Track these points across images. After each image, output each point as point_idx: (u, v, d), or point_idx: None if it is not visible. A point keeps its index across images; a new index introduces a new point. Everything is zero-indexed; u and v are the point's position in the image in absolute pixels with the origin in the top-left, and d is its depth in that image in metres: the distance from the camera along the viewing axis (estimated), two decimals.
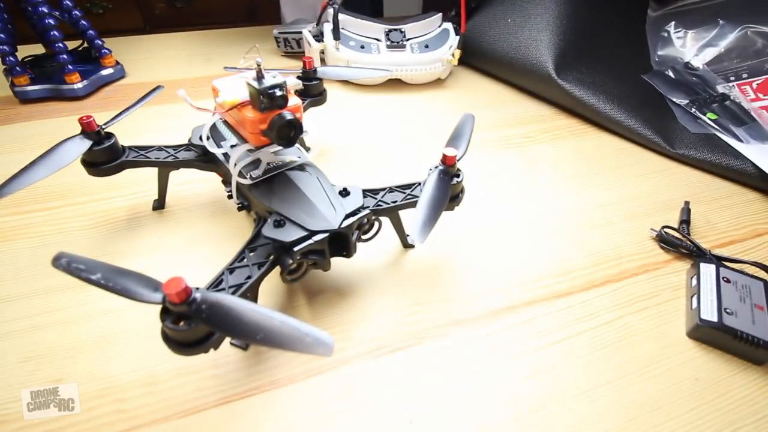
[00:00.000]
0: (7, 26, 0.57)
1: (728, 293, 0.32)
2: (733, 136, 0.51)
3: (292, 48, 0.74)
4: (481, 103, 0.62)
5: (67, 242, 0.37)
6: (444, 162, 0.31)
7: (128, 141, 0.37)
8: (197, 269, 0.34)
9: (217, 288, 0.26)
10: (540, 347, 0.30)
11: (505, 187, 0.46)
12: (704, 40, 0.64)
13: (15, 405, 0.26)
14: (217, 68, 0.70)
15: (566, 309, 0.33)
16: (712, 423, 0.26)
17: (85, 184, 0.43)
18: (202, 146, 0.36)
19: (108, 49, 0.66)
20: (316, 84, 0.46)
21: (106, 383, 0.27)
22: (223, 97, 0.31)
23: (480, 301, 0.33)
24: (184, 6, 0.96)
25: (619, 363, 0.29)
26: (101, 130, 0.34)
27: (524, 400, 0.27)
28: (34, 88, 0.59)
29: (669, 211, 0.43)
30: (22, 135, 0.53)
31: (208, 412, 0.26)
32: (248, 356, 0.29)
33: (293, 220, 0.28)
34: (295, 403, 0.27)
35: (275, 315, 0.20)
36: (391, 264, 0.36)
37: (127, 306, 0.29)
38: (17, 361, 0.28)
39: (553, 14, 0.58)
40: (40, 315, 0.31)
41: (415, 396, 0.27)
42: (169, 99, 0.46)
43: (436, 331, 0.31)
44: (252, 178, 0.31)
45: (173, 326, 0.21)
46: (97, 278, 0.21)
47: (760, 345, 0.28)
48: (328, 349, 0.20)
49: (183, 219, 0.40)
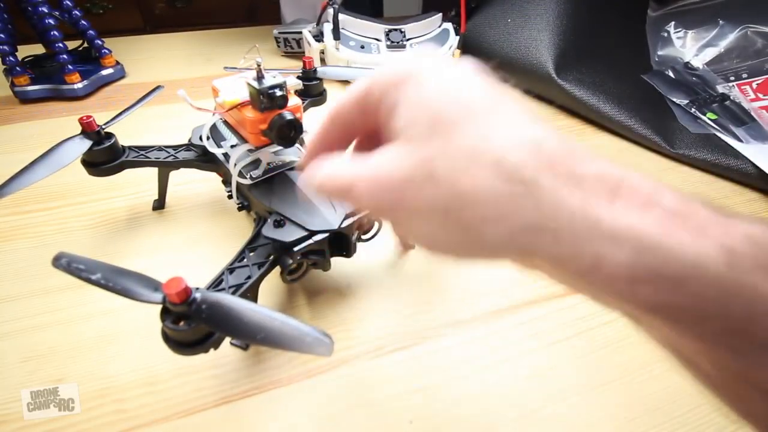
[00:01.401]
0: (7, 26, 0.57)
1: None
2: (732, 136, 0.51)
3: (292, 48, 0.74)
4: None
5: (67, 242, 0.37)
6: None
7: (128, 141, 0.37)
8: (197, 269, 0.34)
9: (217, 288, 0.26)
10: (540, 347, 0.30)
11: None
12: (704, 40, 0.64)
13: (15, 405, 0.26)
14: (217, 68, 0.70)
15: (566, 309, 0.33)
16: (712, 423, 0.26)
17: (85, 184, 0.43)
18: (202, 146, 0.36)
19: (108, 49, 0.66)
20: (316, 84, 0.46)
21: (106, 383, 0.27)
22: (223, 97, 0.31)
23: (480, 301, 0.33)
24: (184, 6, 0.96)
25: (619, 363, 0.29)
26: (101, 130, 0.34)
27: (524, 400, 0.27)
28: (34, 88, 0.59)
29: None
30: (22, 135, 0.53)
31: (208, 412, 0.26)
32: (248, 356, 0.29)
33: (293, 220, 0.28)
34: (295, 403, 0.27)
35: (275, 315, 0.20)
36: (391, 264, 0.36)
37: (127, 306, 0.29)
38: (17, 361, 0.28)
39: (553, 14, 0.58)
40: (40, 315, 0.31)
41: (415, 396, 0.27)
42: (169, 99, 0.46)
43: (436, 331, 0.31)
44: (252, 178, 0.31)
45: (173, 326, 0.21)
46: (97, 278, 0.21)
47: None
48: (328, 349, 0.20)
49: (183, 219, 0.40)
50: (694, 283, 0.11)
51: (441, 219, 0.14)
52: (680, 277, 0.11)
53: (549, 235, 0.12)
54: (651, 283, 0.11)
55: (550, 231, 0.12)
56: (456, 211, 0.13)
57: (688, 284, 0.11)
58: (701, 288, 0.11)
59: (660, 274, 0.11)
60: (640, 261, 0.11)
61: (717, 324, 0.11)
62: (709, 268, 0.11)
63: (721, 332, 0.12)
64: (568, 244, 0.12)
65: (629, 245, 0.11)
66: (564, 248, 0.12)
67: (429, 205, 0.14)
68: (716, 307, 0.11)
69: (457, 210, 0.13)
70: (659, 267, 0.11)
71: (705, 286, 0.11)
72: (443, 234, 0.14)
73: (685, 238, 0.11)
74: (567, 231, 0.12)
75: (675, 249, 0.11)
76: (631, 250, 0.11)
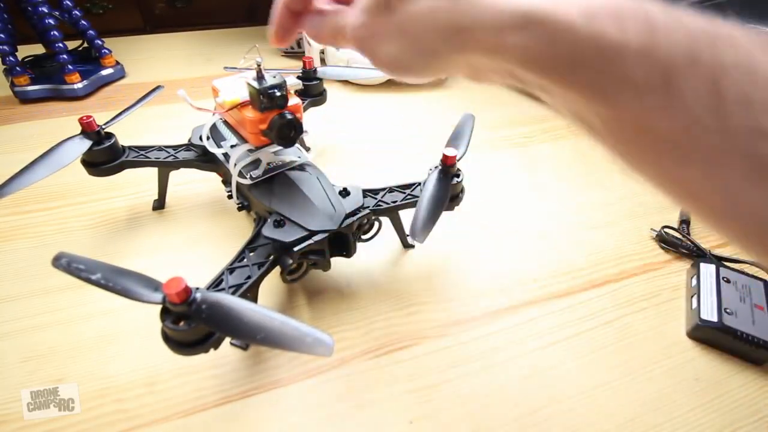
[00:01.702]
0: (7, 26, 0.57)
1: (728, 293, 0.32)
2: None
3: (292, 48, 0.74)
4: (481, 103, 0.62)
5: (67, 242, 0.37)
6: (444, 162, 0.31)
7: (128, 141, 0.37)
8: (197, 269, 0.34)
9: (217, 288, 0.26)
10: (540, 347, 0.30)
11: (505, 187, 0.46)
12: None
13: (15, 405, 0.26)
14: (217, 68, 0.71)
15: (566, 309, 0.33)
16: (712, 423, 0.26)
17: (85, 184, 0.43)
18: (202, 146, 0.36)
19: (108, 49, 0.66)
20: (316, 84, 0.46)
21: (106, 383, 0.27)
22: (223, 97, 0.31)
23: (480, 301, 0.33)
24: (184, 6, 0.96)
25: (619, 363, 0.29)
26: (101, 130, 0.34)
27: (524, 400, 0.27)
28: (34, 88, 0.59)
29: (669, 211, 0.43)
30: (22, 135, 0.53)
31: (208, 412, 0.26)
32: (248, 356, 0.29)
33: (293, 220, 0.28)
34: (295, 403, 0.27)
35: (275, 315, 0.20)
36: (391, 264, 0.36)
37: (127, 306, 0.29)
38: (17, 361, 0.28)
39: None
40: (40, 315, 0.31)
41: (415, 396, 0.27)
42: (169, 99, 0.46)
43: (436, 331, 0.31)
44: (252, 178, 0.31)
45: (173, 326, 0.21)
46: (97, 278, 0.21)
47: (760, 345, 0.28)
48: (328, 349, 0.20)
49: (183, 219, 0.40)
50: (560, 38, 0.14)
51: (399, 38, 0.18)
52: (550, 31, 0.14)
53: (471, 31, 0.16)
54: (523, 30, 0.14)
55: (470, 26, 0.15)
56: (408, 29, 0.17)
57: (555, 39, 0.14)
58: (563, 37, 0.14)
59: (531, 22, 0.14)
60: (523, 24, 0.14)
61: (584, 73, 0.14)
62: (572, 22, 0.13)
63: (590, 81, 0.14)
64: (483, 33, 0.15)
65: (519, 16, 0.14)
66: (480, 35, 0.15)
67: (391, 29, 0.18)
68: (578, 55, 0.14)
69: (409, 27, 0.17)
70: (532, 22, 0.14)
71: (564, 36, 0.14)
72: (402, 51, 0.18)
73: (558, 4, 0.14)
74: (479, 23, 0.15)
75: (548, 11, 0.14)
76: (521, 17, 0.14)
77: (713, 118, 0.12)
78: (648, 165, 0.15)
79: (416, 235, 0.28)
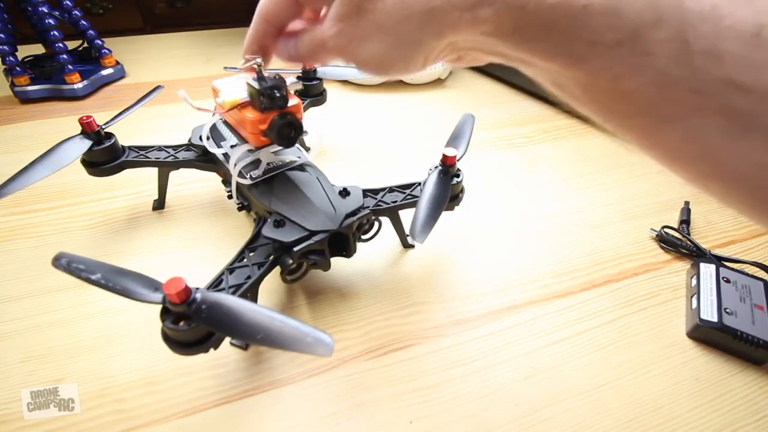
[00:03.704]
0: (7, 26, 0.57)
1: (728, 293, 0.32)
2: None
3: None
4: (481, 103, 0.63)
5: (67, 242, 0.37)
6: (444, 162, 0.31)
7: (128, 141, 0.37)
8: (197, 269, 0.34)
9: (217, 288, 0.26)
10: (540, 347, 0.30)
11: (505, 187, 0.46)
12: None
13: (15, 405, 0.26)
14: (217, 68, 0.71)
15: (566, 309, 0.33)
16: (712, 423, 0.26)
17: (85, 184, 0.43)
18: (202, 146, 0.36)
19: (108, 49, 0.66)
20: (316, 84, 0.46)
21: (106, 383, 0.27)
22: (223, 97, 0.31)
23: (480, 301, 0.33)
24: (184, 6, 0.96)
25: (619, 363, 0.29)
26: (101, 130, 0.34)
27: (524, 400, 0.27)
28: (34, 88, 0.59)
29: (669, 211, 0.43)
30: (22, 135, 0.53)
31: (208, 412, 0.26)
32: (248, 356, 0.29)
33: (293, 220, 0.28)
34: (295, 403, 0.27)
35: (275, 315, 0.20)
36: (391, 264, 0.36)
37: (127, 306, 0.29)
38: (17, 361, 0.28)
39: None
40: (40, 315, 0.31)
41: (415, 396, 0.27)
42: (169, 99, 0.46)
43: (436, 331, 0.31)
44: (252, 178, 0.31)
45: (173, 326, 0.21)
46: (97, 278, 0.21)
47: (760, 345, 0.28)
48: (328, 349, 0.20)
49: (183, 219, 0.40)
50: (530, 5, 0.14)
51: (378, 36, 0.18)
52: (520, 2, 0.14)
53: (445, 12, 0.16)
54: (494, 2, 0.14)
55: (443, 6, 0.15)
56: (384, 24, 0.17)
57: (525, 6, 0.14)
58: (533, 3, 0.14)
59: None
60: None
61: (556, 38, 0.14)
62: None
63: (562, 46, 0.14)
64: (457, 10, 0.15)
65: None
66: (455, 14, 0.15)
67: (368, 30, 0.18)
68: (547, 20, 0.14)
69: (385, 22, 0.17)
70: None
71: (533, 2, 0.14)
72: (384, 48, 0.18)
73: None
74: (451, 2, 0.15)
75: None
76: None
77: (684, 71, 0.12)
78: (630, 130, 0.15)
79: (416, 235, 0.28)
